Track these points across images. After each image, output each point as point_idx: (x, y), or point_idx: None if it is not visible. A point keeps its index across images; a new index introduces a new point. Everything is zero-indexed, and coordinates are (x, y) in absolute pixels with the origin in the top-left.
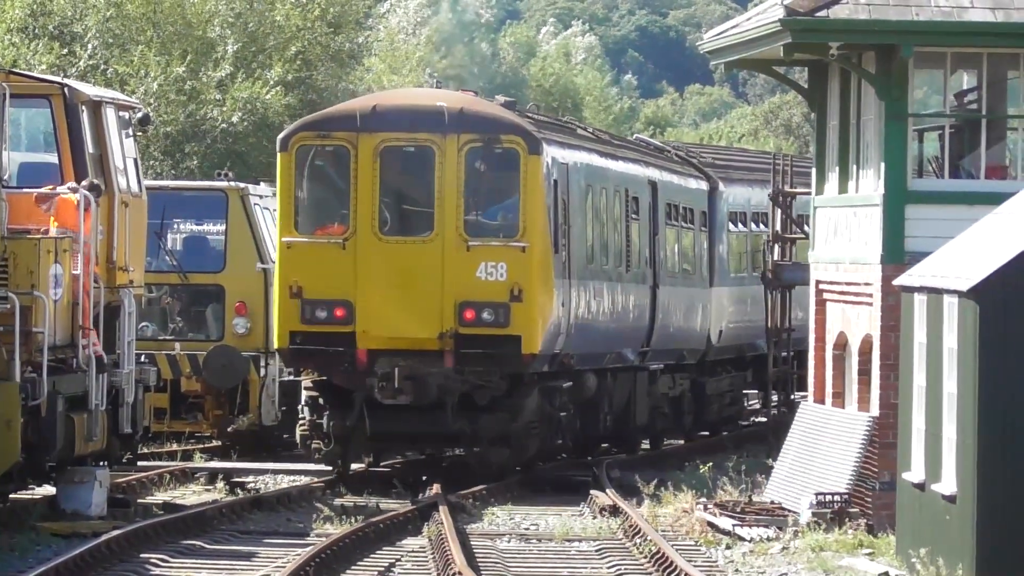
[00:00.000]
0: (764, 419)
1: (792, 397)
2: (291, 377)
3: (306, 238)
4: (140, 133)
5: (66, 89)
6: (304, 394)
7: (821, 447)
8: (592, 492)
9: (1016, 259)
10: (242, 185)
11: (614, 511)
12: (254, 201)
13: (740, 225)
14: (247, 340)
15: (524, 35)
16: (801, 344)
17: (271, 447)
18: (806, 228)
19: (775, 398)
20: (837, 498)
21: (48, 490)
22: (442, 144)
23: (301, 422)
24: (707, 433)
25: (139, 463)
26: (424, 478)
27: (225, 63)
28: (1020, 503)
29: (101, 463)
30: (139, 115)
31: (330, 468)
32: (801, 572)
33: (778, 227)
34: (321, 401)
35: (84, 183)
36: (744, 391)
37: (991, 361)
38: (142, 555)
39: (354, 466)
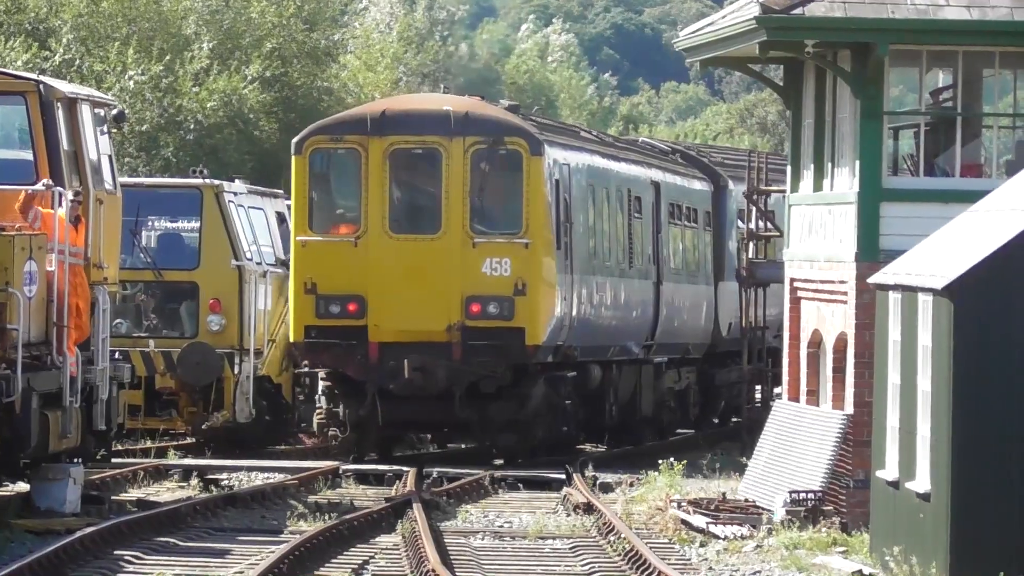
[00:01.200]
0: (738, 419)
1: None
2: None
3: (320, 237)
4: (115, 130)
5: (41, 86)
6: (320, 384)
7: (795, 445)
8: (566, 490)
9: (991, 257)
10: (217, 182)
11: (588, 509)
12: (229, 198)
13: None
14: (221, 337)
15: (500, 32)
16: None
17: (245, 444)
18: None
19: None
20: (811, 496)
21: (22, 487)
22: (448, 146)
23: (319, 411)
24: (716, 421)
25: (113, 460)
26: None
27: (201, 57)
28: (994, 501)
29: (75, 460)
30: (114, 112)
31: (347, 455)
32: (775, 570)
33: (752, 225)
34: (336, 392)
35: (71, 191)
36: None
37: (965, 359)
38: (116, 552)
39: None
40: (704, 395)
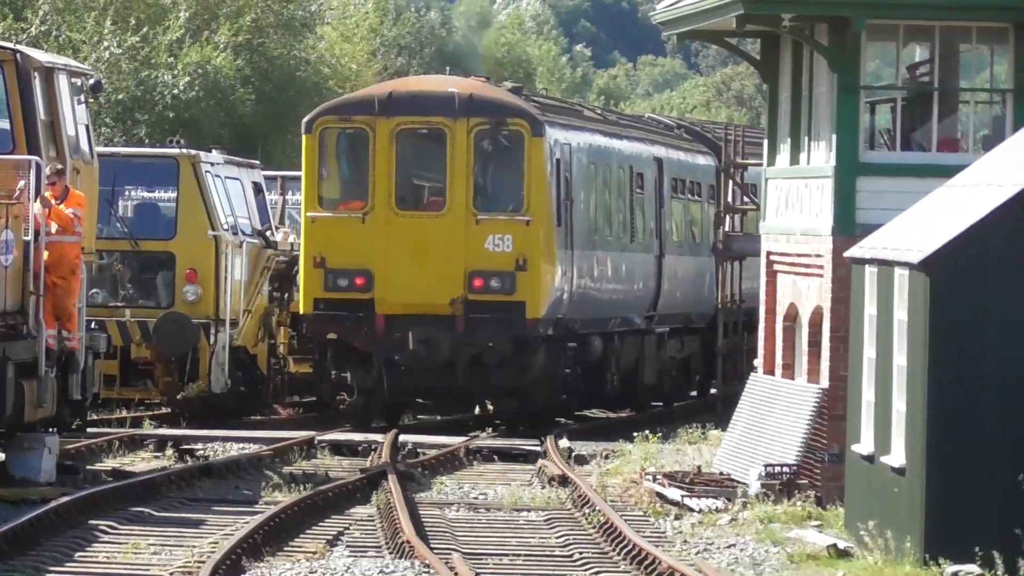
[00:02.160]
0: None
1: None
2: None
3: (329, 213)
4: (92, 100)
5: (18, 55)
6: (329, 353)
7: (770, 419)
8: (541, 462)
9: (967, 232)
10: (193, 152)
11: (563, 481)
12: (205, 168)
13: (755, 195)
14: (197, 307)
15: (477, 5)
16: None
17: (221, 414)
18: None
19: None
20: (786, 470)
21: None
22: (453, 127)
23: (329, 377)
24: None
25: (88, 430)
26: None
27: (176, 27)
28: (969, 476)
29: (51, 430)
30: (91, 82)
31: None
32: (749, 543)
33: (729, 198)
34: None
35: (51, 167)
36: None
37: (941, 334)
38: (91, 522)
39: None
40: (707, 363)
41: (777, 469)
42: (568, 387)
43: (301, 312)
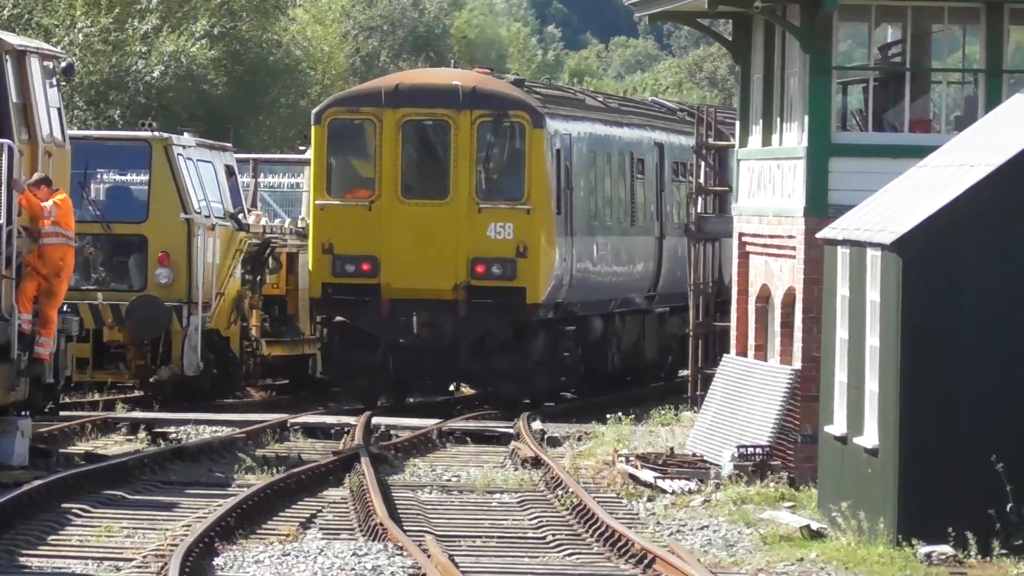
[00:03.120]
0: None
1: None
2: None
3: (337, 201)
4: (64, 83)
5: None
6: (337, 336)
7: (743, 400)
8: (514, 444)
9: (939, 212)
10: (166, 135)
11: (536, 463)
12: (177, 151)
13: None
14: (170, 290)
15: None
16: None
17: (193, 397)
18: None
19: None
20: (759, 451)
21: None
22: (456, 119)
23: (336, 359)
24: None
25: (61, 413)
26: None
27: (151, 16)
28: (941, 457)
29: (23, 413)
30: (63, 65)
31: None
32: (722, 525)
33: (701, 179)
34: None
35: (36, 175)
36: None
37: (914, 314)
38: (63, 505)
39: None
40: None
41: (750, 450)
42: (567, 369)
43: (309, 296)
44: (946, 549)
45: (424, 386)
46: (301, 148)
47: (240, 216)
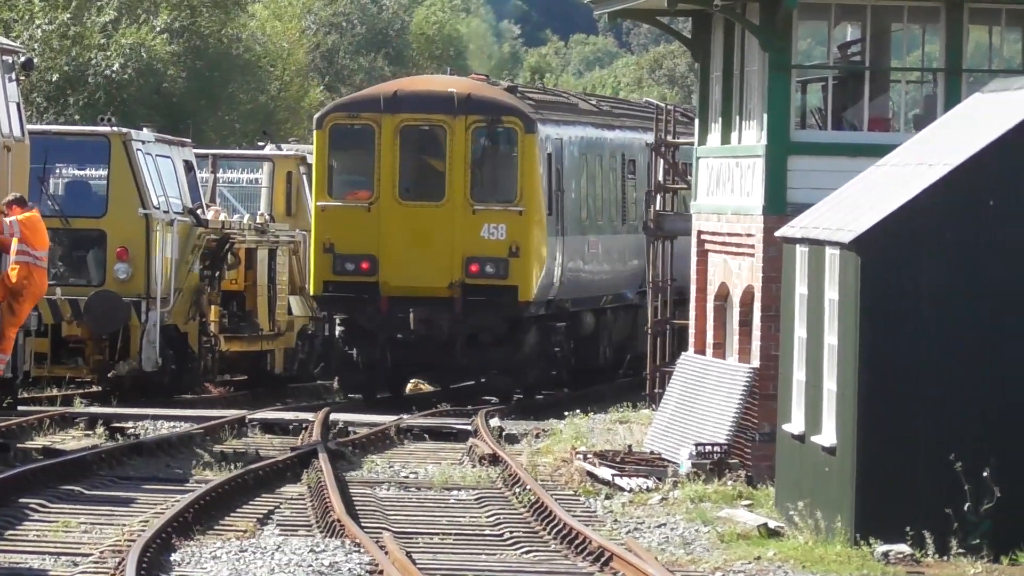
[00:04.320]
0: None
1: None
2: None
3: (337, 202)
4: (23, 77)
5: None
6: (337, 331)
7: (701, 398)
8: (472, 441)
9: (898, 211)
10: (125, 130)
11: (494, 460)
12: (136, 147)
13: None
14: (128, 285)
15: None
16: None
17: (151, 392)
18: (688, 178)
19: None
20: (717, 449)
21: None
22: (452, 124)
23: (335, 354)
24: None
25: (19, 408)
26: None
27: (110, 8)
28: (899, 456)
29: None
30: (22, 59)
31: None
32: (680, 523)
33: (660, 177)
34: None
35: (10, 196)
36: None
37: (872, 313)
38: (21, 500)
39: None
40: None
41: (708, 448)
42: (559, 362)
43: (311, 294)
44: (903, 548)
45: (421, 380)
46: (260, 144)
47: (199, 211)
